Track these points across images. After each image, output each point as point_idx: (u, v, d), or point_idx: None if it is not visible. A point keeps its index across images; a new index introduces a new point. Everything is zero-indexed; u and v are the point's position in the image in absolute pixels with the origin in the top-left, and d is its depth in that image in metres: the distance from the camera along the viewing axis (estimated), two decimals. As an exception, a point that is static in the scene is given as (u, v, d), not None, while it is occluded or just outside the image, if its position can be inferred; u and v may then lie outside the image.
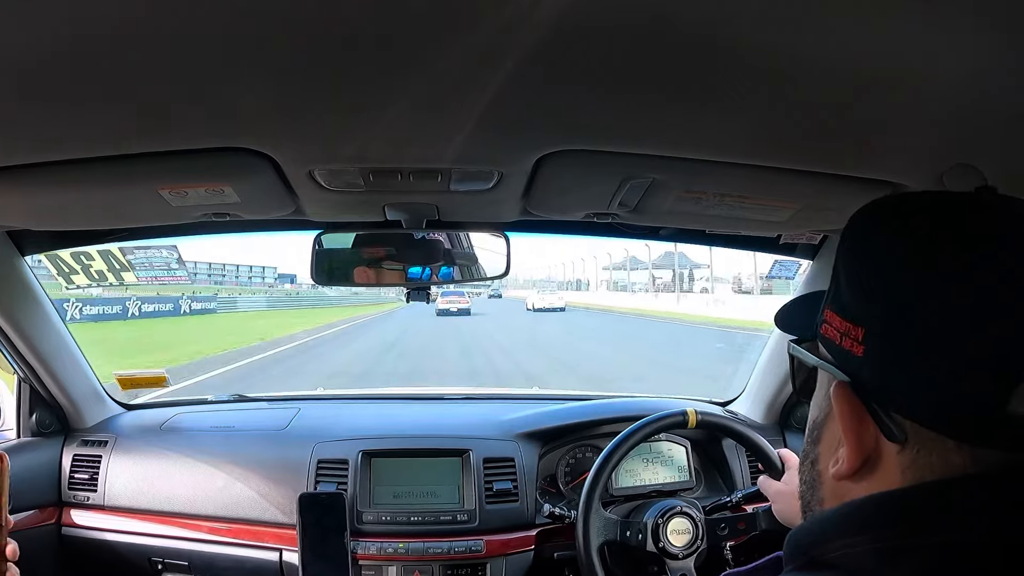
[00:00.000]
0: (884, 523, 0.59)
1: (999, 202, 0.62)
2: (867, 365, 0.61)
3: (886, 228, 0.66)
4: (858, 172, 1.21)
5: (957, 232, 0.60)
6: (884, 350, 0.60)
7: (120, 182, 1.26)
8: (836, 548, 0.61)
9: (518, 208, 1.54)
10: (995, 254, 0.58)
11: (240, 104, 0.98)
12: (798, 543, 0.67)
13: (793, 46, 0.79)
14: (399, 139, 1.14)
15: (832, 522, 0.64)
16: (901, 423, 0.60)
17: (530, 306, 40.02)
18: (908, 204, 0.67)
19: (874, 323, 0.61)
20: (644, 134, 1.11)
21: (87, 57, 0.81)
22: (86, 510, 2.07)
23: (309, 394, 2.75)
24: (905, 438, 0.59)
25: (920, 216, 0.64)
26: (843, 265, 0.67)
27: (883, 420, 0.61)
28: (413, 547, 1.91)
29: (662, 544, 1.75)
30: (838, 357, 0.65)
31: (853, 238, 0.68)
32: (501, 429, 2.15)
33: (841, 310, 0.65)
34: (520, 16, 0.73)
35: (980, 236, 0.59)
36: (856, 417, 0.62)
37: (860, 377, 0.63)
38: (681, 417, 1.84)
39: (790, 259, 2.08)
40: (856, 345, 0.62)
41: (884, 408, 0.61)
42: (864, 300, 0.63)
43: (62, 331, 2.08)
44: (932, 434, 0.58)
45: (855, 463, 0.63)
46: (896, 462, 0.60)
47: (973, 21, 0.73)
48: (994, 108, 0.92)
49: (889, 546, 0.58)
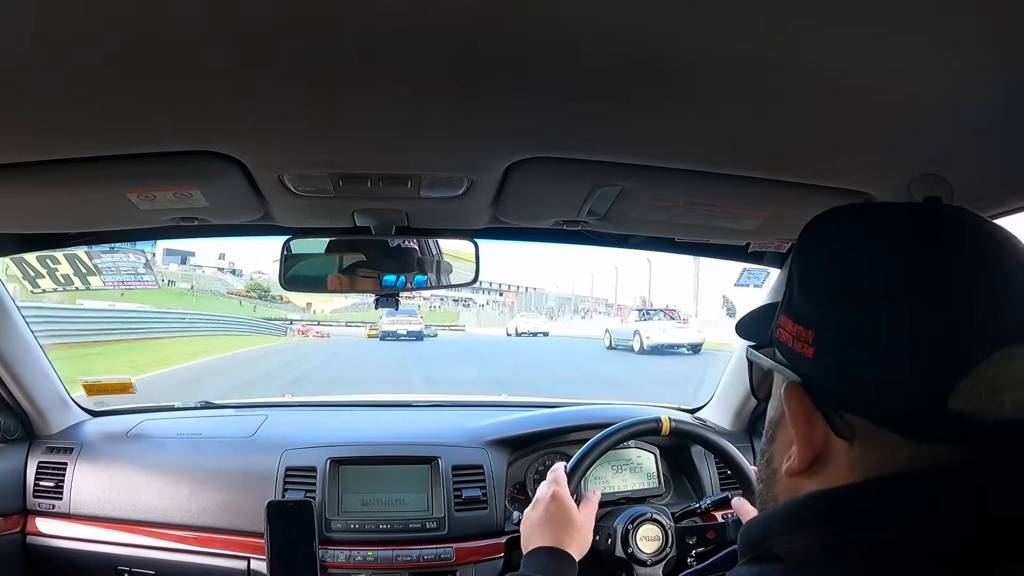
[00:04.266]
0: (825, 518, 0.61)
1: (944, 210, 0.66)
2: (817, 366, 0.64)
3: (830, 235, 0.69)
4: (826, 182, 1.23)
5: (898, 236, 0.64)
6: (831, 351, 0.63)
7: (86, 185, 1.25)
8: (782, 542, 0.63)
9: (488, 215, 1.54)
10: (937, 257, 0.61)
11: (208, 108, 0.98)
12: (749, 537, 0.69)
13: (762, 58, 0.80)
14: (368, 145, 1.14)
15: (777, 517, 0.66)
16: (849, 420, 0.62)
17: (511, 331, 35.79)
18: (850, 212, 0.71)
19: (822, 325, 0.64)
20: (613, 142, 1.12)
21: (52, 58, 0.80)
22: (51, 518, 2.03)
23: (277, 401, 2.73)
24: (852, 435, 0.62)
25: (860, 221, 0.68)
26: (795, 271, 0.70)
27: (832, 418, 0.63)
28: (382, 555, 1.90)
29: (631, 550, 1.75)
30: (791, 360, 0.68)
31: (803, 246, 0.72)
32: (470, 436, 2.15)
33: (793, 315, 0.68)
34: (488, 25, 0.74)
35: (920, 240, 0.63)
36: (806, 416, 0.65)
37: (811, 378, 0.65)
38: (655, 424, 1.85)
39: (758, 267, 2.10)
40: (807, 347, 0.65)
41: (833, 406, 0.63)
42: (813, 304, 0.66)
43: (27, 336, 2.04)
44: (878, 430, 0.60)
45: (805, 460, 0.65)
46: (846, 458, 0.63)
47: (937, 39, 0.75)
48: (958, 121, 0.94)
49: (830, 540, 0.60)
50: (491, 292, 71.52)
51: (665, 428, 1.84)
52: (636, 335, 21.98)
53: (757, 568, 0.65)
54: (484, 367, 18.38)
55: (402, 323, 26.65)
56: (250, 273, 62.28)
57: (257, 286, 57.99)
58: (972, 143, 0.99)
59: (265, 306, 54.34)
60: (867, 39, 0.75)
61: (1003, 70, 0.80)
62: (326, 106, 0.97)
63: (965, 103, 0.89)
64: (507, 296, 71.01)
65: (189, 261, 59.17)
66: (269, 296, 55.63)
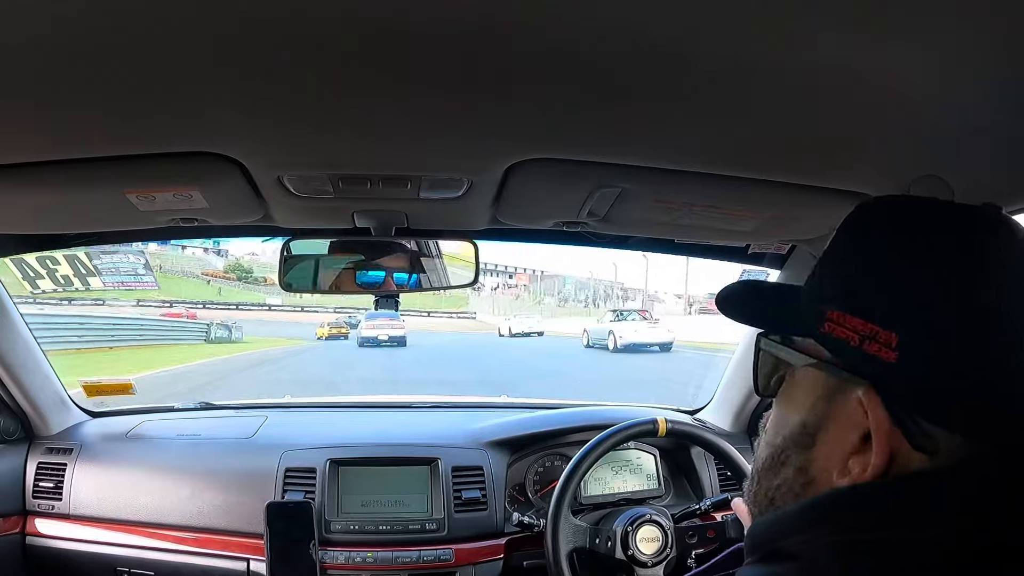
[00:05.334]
0: (840, 518, 0.60)
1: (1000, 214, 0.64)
2: (902, 371, 0.60)
3: (913, 231, 0.65)
4: (826, 183, 1.23)
5: (982, 238, 0.61)
6: (926, 357, 0.59)
7: (86, 185, 1.25)
8: (796, 542, 0.62)
9: (488, 216, 1.54)
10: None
11: (208, 109, 0.98)
12: (759, 536, 0.67)
13: (762, 59, 0.80)
14: (368, 146, 1.14)
15: (792, 516, 0.64)
16: (929, 431, 0.59)
17: (504, 332, 33.29)
18: (929, 209, 0.66)
19: (913, 328, 0.60)
20: (614, 144, 1.12)
21: (52, 59, 0.80)
22: (51, 519, 2.04)
23: (276, 402, 2.72)
24: (935, 449, 0.59)
25: (939, 219, 0.64)
26: (864, 264, 0.65)
27: (910, 428, 0.60)
28: (381, 556, 1.90)
29: (631, 552, 1.76)
30: (855, 360, 0.63)
31: (872, 239, 0.67)
32: (470, 437, 2.15)
33: (863, 312, 0.63)
34: (488, 27, 0.74)
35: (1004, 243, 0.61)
36: (890, 425, 0.61)
37: (887, 383, 0.61)
38: (651, 425, 1.85)
39: (758, 269, 2.10)
40: (887, 351, 0.60)
41: (914, 416, 0.60)
42: (898, 302, 0.61)
43: (27, 337, 2.05)
44: (953, 438, 0.58)
45: (882, 470, 0.61)
46: (919, 468, 0.60)
47: (937, 39, 0.74)
48: (958, 122, 0.94)
49: (845, 540, 0.58)
50: (501, 274, 66.78)
51: (661, 430, 1.84)
52: (611, 335, 22.57)
53: (768, 568, 0.64)
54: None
55: (383, 328, 24.07)
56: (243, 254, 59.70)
57: (238, 266, 55.60)
58: (972, 143, 0.99)
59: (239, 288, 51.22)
60: (867, 40, 0.75)
61: (1003, 70, 0.80)
62: (325, 107, 0.97)
63: (965, 103, 0.89)
64: (519, 279, 66.33)
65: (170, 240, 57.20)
66: (252, 278, 53.11)
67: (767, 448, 0.74)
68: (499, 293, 61.05)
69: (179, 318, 33.62)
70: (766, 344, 0.74)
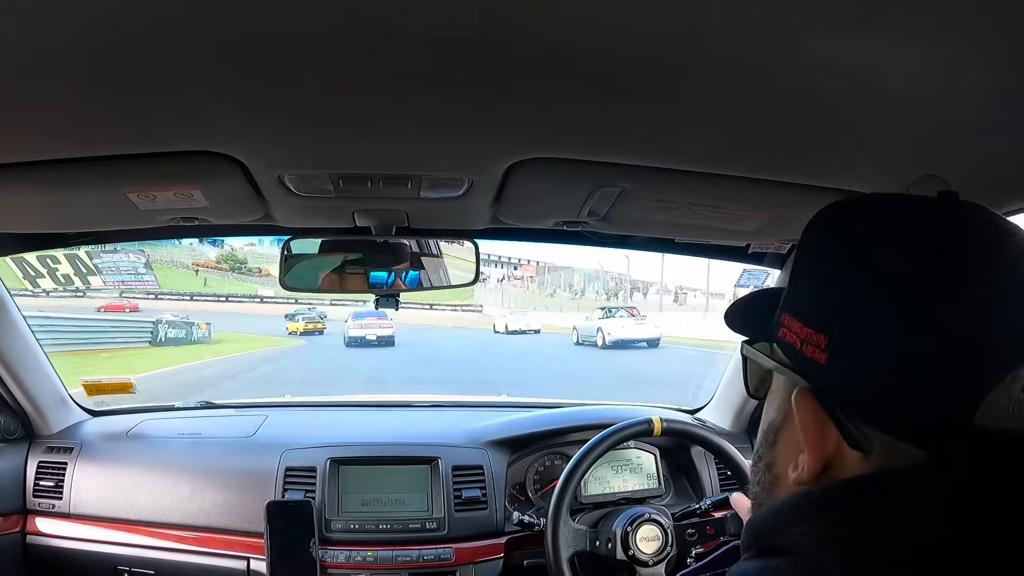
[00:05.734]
0: (831, 510, 0.60)
1: (965, 207, 0.62)
2: (830, 372, 0.61)
3: (840, 230, 0.66)
4: (827, 182, 1.23)
5: (917, 234, 0.60)
6: (848, 358, 0.60)
7: (86, 185, 1.25)
8: (790, 535, 0.61)
9: (488, 215, 1.54)
10: (960, 257, 0.58)
11: (209, 108, 0.98)
12: (754, 531, 0.67)
13: (763, 59, 0.80)
14: (368, 145, 1.14)
15: (785, 510, 0.64)
16: (866, 431, 0.59)
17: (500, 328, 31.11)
18: (864, 205, 0.67)
19: (836, 329, 0.61)
20: (614, 143, 1.12)
21: (53, 58, 0.80)
22: (51, 518, 2.04)
23: (277, 401, 2.73)
24: (870, 447, 0.59)
25: (875, 216, 0.64)
26: (804, 269, 0.67)
27: (846, 428, 0.60)
28: (382, 555, 1.90)
29: (632, 552, 1.76)
30: (798, 363, 0.64)
31: (810, 241, 0.68)
32: (470, 437, 2.15)
33: (801, 316, 0.64)
34: (488, 26, 0.74)
35: (951, 242, 0.59)
36: (818, 424, 0.62)
37: (822, 384, 0.62)
38: (647, 425, 1.85)
39: (759, 268, 2.10)
40: (818, 352, 0.61)
41: (848, 416, 0.60)
42: (825, 306, 0.62)
43: (27, 336, 2.05)
44: (896, 441, 0.58)
45: (815, 469, 0.62)
46: (860, 467, 0.60)
47: (937, 39, 0.75)
48: (958, 122, 0.94)
49: (837, 533, 0.58)
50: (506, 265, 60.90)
51: (657, 429, 1.84)
52: (599, 332, 22.52)
53: (763, 563, 0.63)
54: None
55: (372, 327, 22.86)
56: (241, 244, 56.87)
57: (231, 257, 53.51)
58: (972, 143, 0.99)
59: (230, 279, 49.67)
60: (867, 40, 0.75)
61: (1003, 70, 0.80)
62: (326, 107, 0.97)
63: (965, 103, 0.89)
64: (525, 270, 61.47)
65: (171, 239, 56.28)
66: (245, 268, 51.42)
67: (755, 448, 0.76)
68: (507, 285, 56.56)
69: (120, 310, 28.78)
70: (746, 350, 0.76)
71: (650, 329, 22.24)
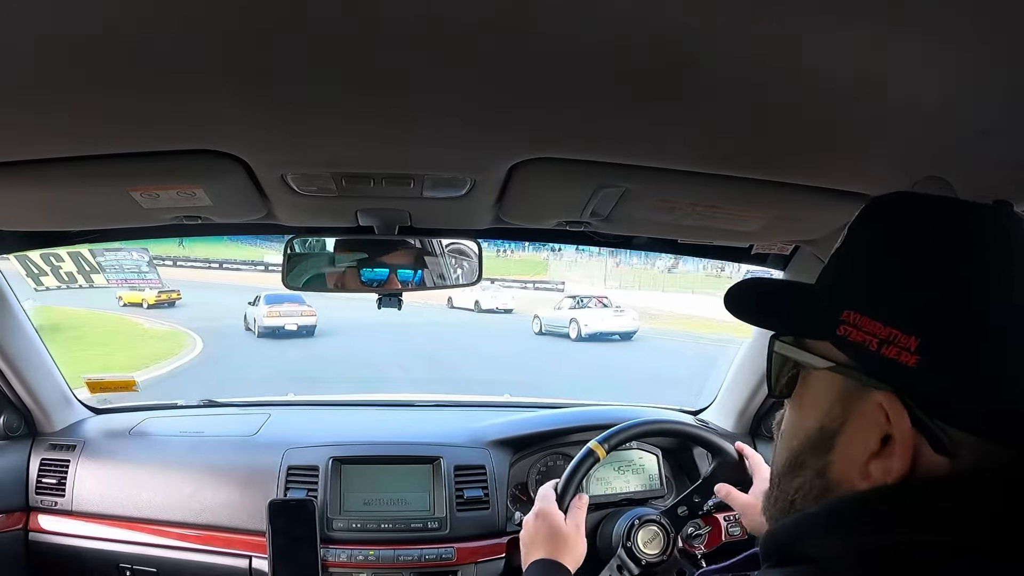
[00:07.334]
0: (860, 520, 0.59)
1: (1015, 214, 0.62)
2: (924, 377, 0.58)
3: (931, 228, 0.63)
4: (829, 184, 1.22)
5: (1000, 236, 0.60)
6: (949, 362, 0.58)
7: (90, 183, 1.25)
8: (815, 544, 0.61)
9: (491, 215, 1.54)
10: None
11: (212, 107, 0.98)
12: (778, 541, 0.66)
13: (766, 60, 0.80)
14: (371, 144, 1.14)
15: (811, 521, 0.63)
16: (955, 436, 0.58)
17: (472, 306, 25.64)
18: (942, 206, 0.65)
19: (933, 332, 0.58)
20: (617, 144, 1.12)
21: (56, 57, 0.80)
22: (54, 515, 2.05)
23: (279, 400, 2.73)
24: (956, 451, 0.58)
25: (958, 218, 0.63)
26: (884, 265, 0.64)
27: (935, 433, 0.58)
28: (383, 554, 1.90)
29: (634, 552, 1.75)
30: (874, 365, 0.62)
31: (888, 236, 0.65)
32: (472, 436, 2.15)
33: (882, 315, 0.61)
34: (490, 26, 0.74)
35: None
36: (911, 430, 0.59)
37: (912, 389, 0.59)
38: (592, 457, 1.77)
39: (761, 269, 2.09)
40: (907, 355, 0.59)
41: (941, 421, 0.58)
42: (916, 306, 0.60)
43: (31, 333, 2.05)
44: (983, 443, 0.57)
45: (904, 476, 0.60)
46: (943, 467, 0.59)
47: (938, 39, 0.74)
48: (960, 122, 0.94)
49: (864, 542, 0.57)
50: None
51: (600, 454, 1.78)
52: (573, 323, 21.23)
53: (786, 571, 0.63)
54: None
55: (292, 314, 18.54)
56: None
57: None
58: (975, 144, 0.99)
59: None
60: (868, 40, 0.75)
61: (1004, 70, 0.79)
62: (329, 106, 0.97)
63: (967, 104, 0.88)
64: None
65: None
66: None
67: (784, 452, 0.73)
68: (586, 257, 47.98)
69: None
70: (780, 347, 0.72)
71: (628, 321, 21.32)
